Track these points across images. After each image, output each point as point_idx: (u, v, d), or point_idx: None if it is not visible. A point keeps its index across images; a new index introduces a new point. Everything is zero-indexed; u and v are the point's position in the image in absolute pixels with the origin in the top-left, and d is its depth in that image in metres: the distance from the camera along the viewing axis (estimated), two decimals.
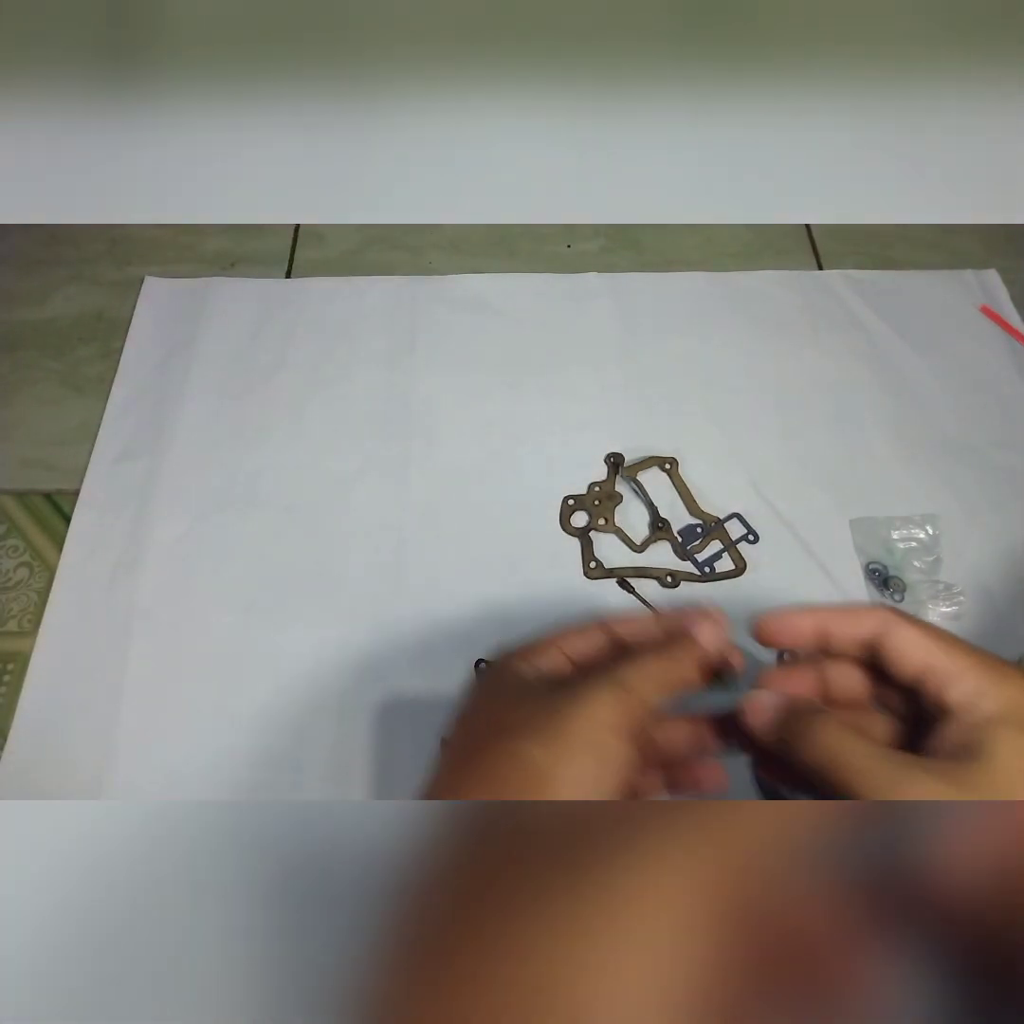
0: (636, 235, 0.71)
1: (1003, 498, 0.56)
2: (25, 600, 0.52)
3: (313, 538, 0.54)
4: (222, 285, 0.66)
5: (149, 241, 0.70)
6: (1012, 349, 0.63)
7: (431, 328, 0.64)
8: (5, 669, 0.50)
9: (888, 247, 0.70)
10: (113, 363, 0.62)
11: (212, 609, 0.51)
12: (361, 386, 0.61)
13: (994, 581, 0.53)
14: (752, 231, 0.71)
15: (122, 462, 0.57)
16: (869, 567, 0.53)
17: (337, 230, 0.71)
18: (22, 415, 0.60)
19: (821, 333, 0.64)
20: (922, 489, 0.56)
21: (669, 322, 0.65)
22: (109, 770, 0.46)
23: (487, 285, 0.67)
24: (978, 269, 0.68)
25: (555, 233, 0.71)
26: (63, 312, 0.65)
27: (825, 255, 0.70)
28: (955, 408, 0.60)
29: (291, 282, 0.67)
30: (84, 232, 0.70)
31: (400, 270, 0.68)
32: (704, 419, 0.60)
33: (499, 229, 0.71)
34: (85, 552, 0.54)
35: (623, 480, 0.56)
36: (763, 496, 0.56)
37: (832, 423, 0.59)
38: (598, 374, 0.62)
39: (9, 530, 0.55)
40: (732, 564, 0.53)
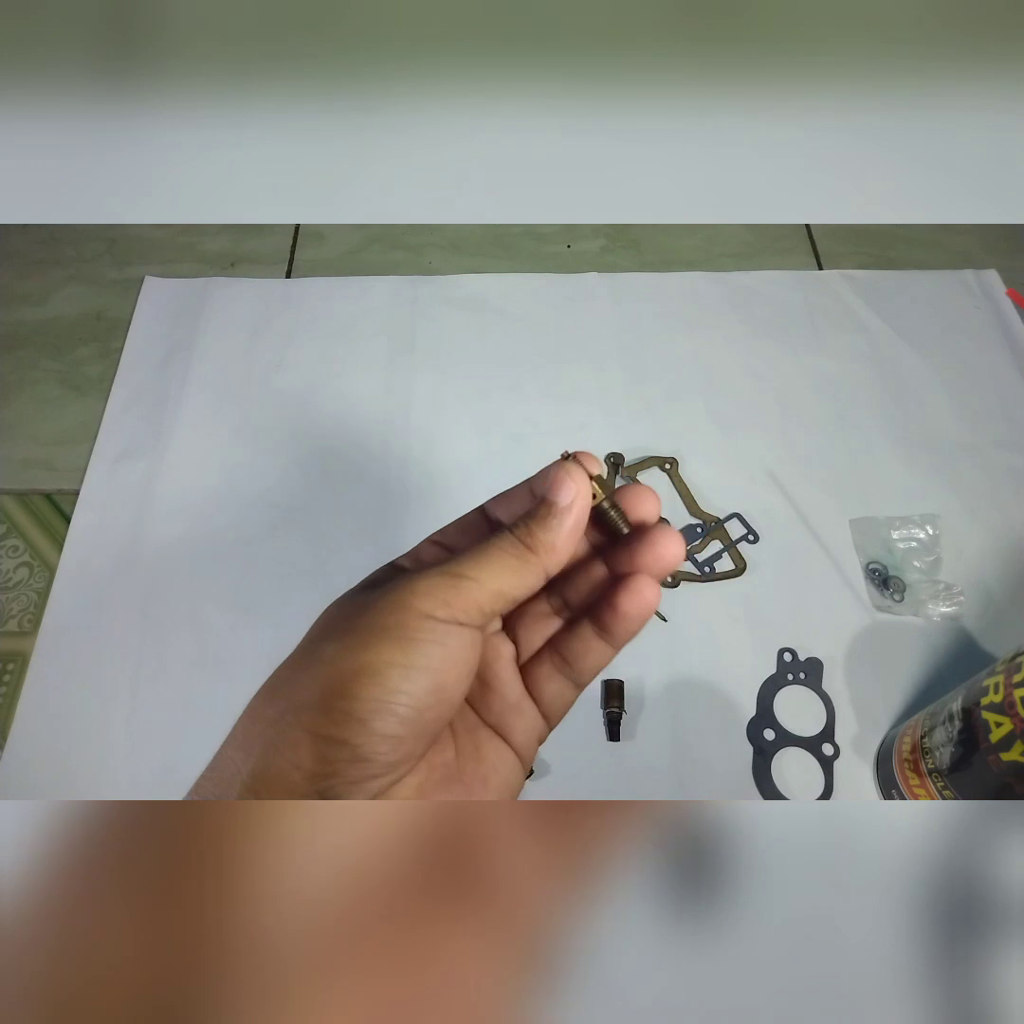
0: (636, 235, 0.71)
1: (1003, 497, 0.56)
2: (25, 600, 0.52)
3: (313, 538, 0.54)
4: (222, 285, 0.66)
5: (149, 241, 0.70)
6: (1012, 349, 0.63)
7: (431, 328, 0.64)
8: (5, 669, 0.50)
9: (888, 247, 0.70)
10: (113, 363, 0.62)
11: (211, 609, 0.52)
12: (361, 386, 0.61)
13: (994, 581, 0.53)
14: (752, 231, 0.71)
15: (122, 462, 0.57)
16: (869, 567, 0.53)
17: (337, 230, 0.71)
18: (22, 415, 0.60)
19: (821, 333, 0.64)
20: (922, 489, 0.56)
21: (669, 322, 0.65)
22: (109, 770, 0.46)
23: (487, 285, 0.67)
24: (978, 269, 0.68)
25: (555, 233, 0.71)
26: (63, 312, 0.66)
27: (825, 255, 0.70)
28: (955, 408, 0.60)
29: (291, 282, 0.67)
30: (84, 232, 0.70)
31: (400, 270, 0.68)
32: (704, 419, 0.60)
33: (499, 229, 0.71)
34: (85, 552, 0.54)
35: (623, 480, 0.56)
36: (763, 496, 0.56)
37: (832, 423, 0.60)
38: (598, 374, 0.62)
39: (9, 530, 0.55)
40: (732, 564, 0.53)
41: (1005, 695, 0.36)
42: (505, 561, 0.20)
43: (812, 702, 0.49)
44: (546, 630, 0.23)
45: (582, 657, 0.22)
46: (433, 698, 0.18)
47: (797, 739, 0.48)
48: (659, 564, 0.21)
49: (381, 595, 0.20)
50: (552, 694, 0.23)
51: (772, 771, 0.47)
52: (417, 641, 0.18)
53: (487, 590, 0.19)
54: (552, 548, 0.20)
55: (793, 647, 0.50)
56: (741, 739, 0.48)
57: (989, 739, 0.36)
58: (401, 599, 0.19)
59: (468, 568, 0.20)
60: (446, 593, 0.19)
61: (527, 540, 0.20)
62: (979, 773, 0.37)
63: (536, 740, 0.23)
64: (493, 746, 0.22)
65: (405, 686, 0.18)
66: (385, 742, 0.18)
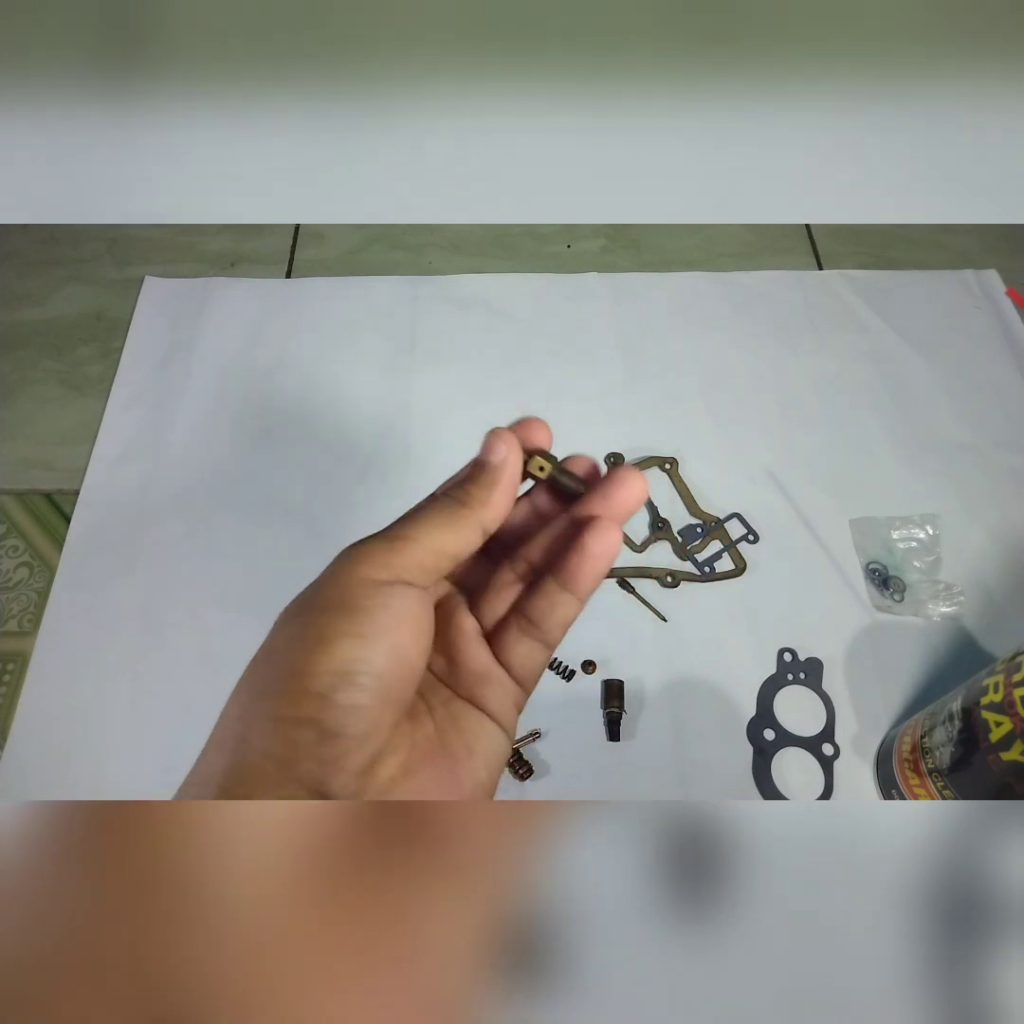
0: (636, 235, 0.71)
1: (1003, 498, 0.56)
2: (25, 600, 0.52)
3: (313, 538, 0.54)
4: (222, 285, 0.66)
5: (149, 241, 0.70)
6: (1012, 349, 0.63)
7: (431, 328, 0.64)
8: (5, 669, 0.50)
9: (888, 247, 0.70)
10: (113, 363, 0.62)
11: (211, 609, 0.52)
12: (361, 386, 0.61)
13: (994, 581, 0.53)
14: (752, 231, 0.71)
15: (122, 462, 0.57)
16: (869, 567, 0.53)
17: (337, 230, 0.71)
18: (22, 415, 0.60)
19: (821, 333, 0.64)
20: (922, 489, 0.56)
21: (669, 322, 0.65)
22: (109, 770, 0.46)
23: (487, 285, 0.67)
24: (978, 269, 0.68)
25: (555, 233, 0.71)
26: (63, 312, 0.66)
27: (825, 255, 0.70)
28: (955, 408, 0.60)
29: (291, 282, 0.67)
30: (84, 232, 0.70)
31: (400, 270, 0.68)
32: (704, 419, 0.60)
33: (499, 229, 0.71)
34: (85, 552, 0.54)
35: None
36: (763, 496, 0.56)
37: (832, 423, 0.60)
38: (598, 374, 0.62)
39: (9, 530, 0.55)
40: (732, 564, 0.53)
41: (1005, 695, 0.36)
42: (442, 518, 0.20)
43: (812, 702, 0.49)
44: (509, 598, 0.23)
45: (548, 614, 0.22)
46: (390, 661, 0.18)
47: (797, 739, 0.48)
48: (623, 502, 0.22)
49: (324, 571, 0.20)
50: (522, 657, 0.23)
51: (772, 771, 0.47)
52: (364, 608, 0.18)
53: (426, 548, 0.20)
54: (486, 502, 0.21)
55: (793, 647, 0.50)
56: (741, 739, 0.48)
57: (989, 739, 0.36)
58: (342, 568, 0.19)
59: (405, 529, 0.20)
60: (385, 555, 0.19)
61: (460, 496, 0.21)
62: (979, 773, 0.37)
63: (513, 706, 0.23)
64: (471, 716, 0.22)
65: (359, 653, 0.18)
66: (350, 713, 0.18)
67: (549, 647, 0.23)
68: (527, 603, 0.23)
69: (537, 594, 0.23)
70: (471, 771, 0.21)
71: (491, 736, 0.22)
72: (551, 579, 0.22)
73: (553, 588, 0.22)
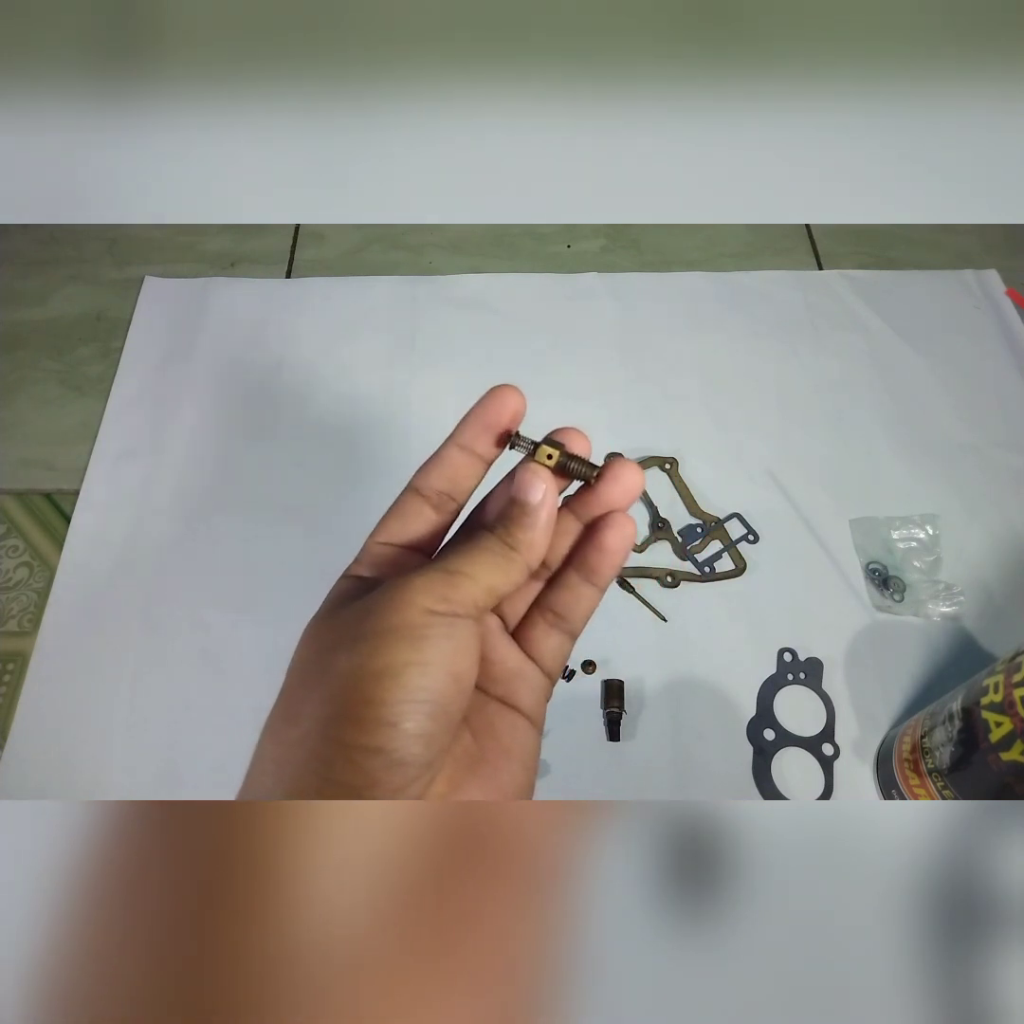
0: (636, 235, 0.71)
1: (1003, 498, 0.56)
2: (25, 600, 0.52)
3: (313, 538, 0.54)
4: (222, 285, 0.66)
5: (149, 241, 0.70)
6: (1012, 349, 0.63)
7: (431, 328, 0.64)
8: (5, 669, 0.50)
9: (888, 247, 0.70)
10: (113, 363, 0.62)
11: (211, 609, 0.52)
12: (361, 385, 0.61)
13: (994, 581, 0.53)
14: (752, 231, 0.71)
15: (122, 462, 0.57)
16: (869, 567, 0.53)
17: (337, 230, 0.71)
18: (22, 415, 0.60)
19: (821, 333, 0.64)
20: (922, 489, 0.56)
21: (669, 322, 0.65)
22: (109, 770, 0.46)
23: (487, 285, 0.67)
24: (978, 269, 0.68)
25: (555, 233, 0.71)
26: (63, 312, 0.66)
27: (825, 255, 0.70)
28: (955, 408, 0.60)
29: (291, 282, 0.67)
30: (84, 232, 0.70)
31: (400, 270, 0.68)
32: (704, 419, 0.60)
33: (499, 229, 0.71)
34: (85, 552, 0.54)
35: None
36: (763, 496, 0.56)
37: (832, 423, 0.60)
38: (598, 374, 0.62)
39: (9, 530, 0.55)
40: (732, 564, 0.53)
41: (1005, 695, 0.36)
42: (493, 560, 0.21)
43: (812, 702, 0.49)
44: (528, 596, 0.24)
45: (574, 606, 0.24)
46: (453, 689, 0.19)
47: (797, 739, 0.48)
48: (627, 496, 0.23)
49: (380, 598, 0.20)
50: (552, 650, 0.24)
51: (772, 771, 0.47)
52: (427, 637, 0.19)
53: (480, 586, 0.20)
54: (532, 545, 0.21)
55: (793, 647, 0.50)
56: (741, 739, 0.48)
57: (989, 739, 0.36)
58: (403, 597, 0.19)
59: (461, 565, 0.21)
60: (443, 589, 0.20)
61: (508, 540, 0.21)
62: (979, 773, 0.37)
63: (544, 699, 0.24)
64: (505, 717, 0.23)
65: (425, 682, 0.18)
66: (419, 742, 0.18)
67: (574, 638, 0.24)
68: (552, 597, 0.24)
69: (561, 588, 0.24)
70: (511, 775, 0.22)
71: (525, 735, 0.23)
72: (573, 573, 0.23)
73: (575, 581, 0.23)
